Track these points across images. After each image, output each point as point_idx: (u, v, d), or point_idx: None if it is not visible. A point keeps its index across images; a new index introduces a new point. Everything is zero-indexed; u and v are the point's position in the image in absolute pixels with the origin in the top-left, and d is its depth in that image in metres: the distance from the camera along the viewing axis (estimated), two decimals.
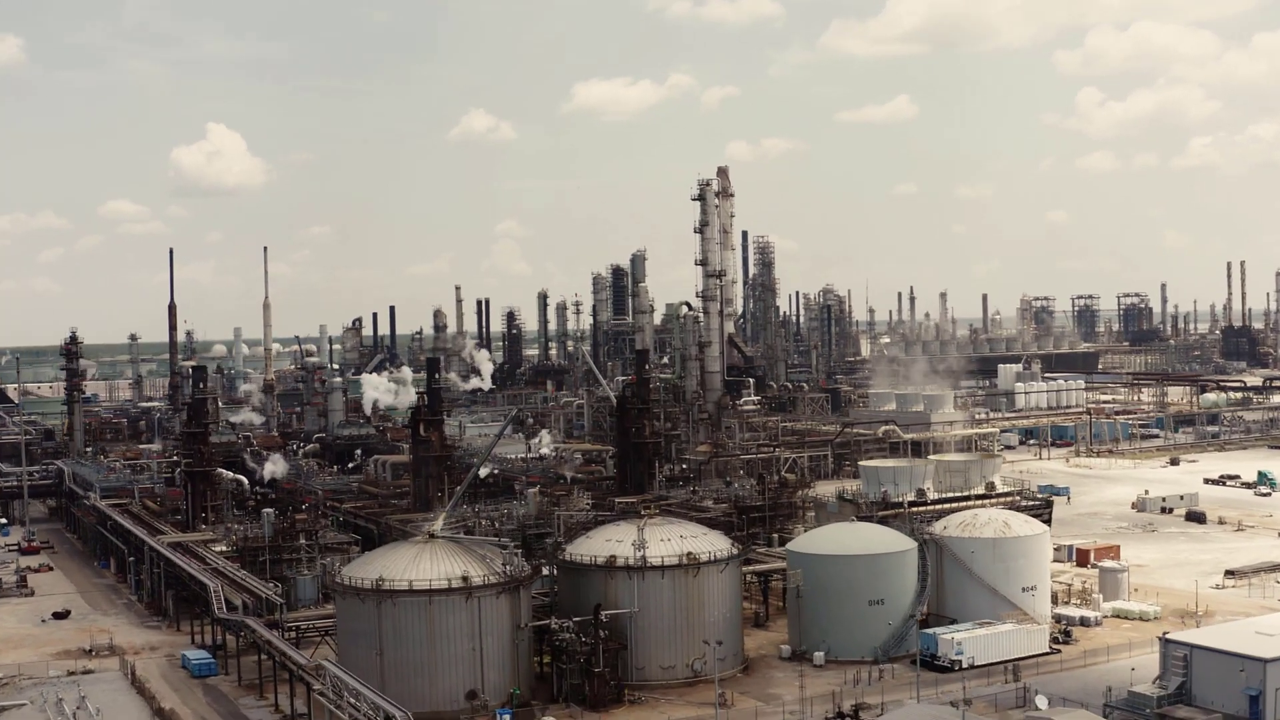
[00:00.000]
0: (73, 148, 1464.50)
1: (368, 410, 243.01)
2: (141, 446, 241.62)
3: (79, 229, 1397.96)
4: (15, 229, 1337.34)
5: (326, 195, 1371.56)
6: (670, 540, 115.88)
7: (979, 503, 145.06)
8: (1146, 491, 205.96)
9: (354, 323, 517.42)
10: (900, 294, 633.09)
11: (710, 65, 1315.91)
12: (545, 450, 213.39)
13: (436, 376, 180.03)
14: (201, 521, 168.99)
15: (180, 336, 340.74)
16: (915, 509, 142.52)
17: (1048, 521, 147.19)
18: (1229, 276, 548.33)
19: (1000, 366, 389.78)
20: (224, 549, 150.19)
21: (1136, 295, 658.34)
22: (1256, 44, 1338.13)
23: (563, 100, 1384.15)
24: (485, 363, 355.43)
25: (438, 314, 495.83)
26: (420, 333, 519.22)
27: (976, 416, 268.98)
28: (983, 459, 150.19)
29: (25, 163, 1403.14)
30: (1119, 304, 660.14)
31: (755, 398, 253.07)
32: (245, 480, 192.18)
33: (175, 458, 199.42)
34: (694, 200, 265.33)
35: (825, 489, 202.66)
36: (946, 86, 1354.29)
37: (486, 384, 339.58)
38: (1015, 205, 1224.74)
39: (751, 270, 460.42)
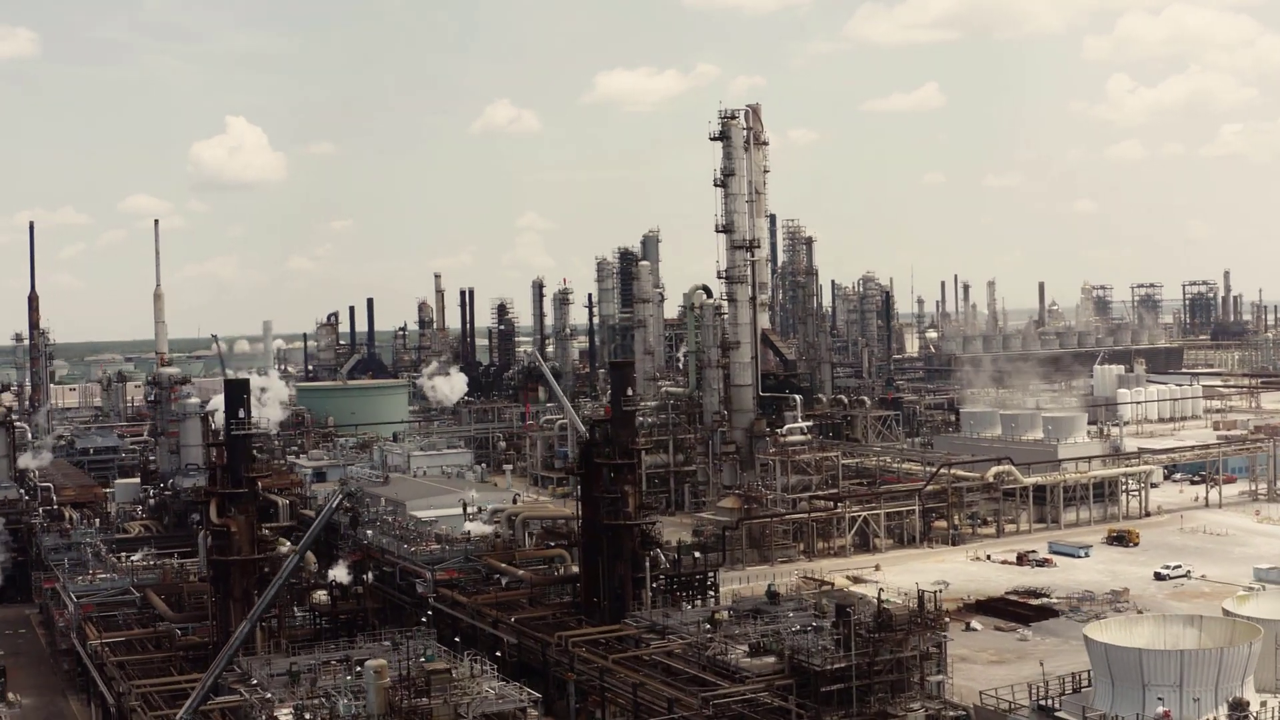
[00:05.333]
0: (92, 143, 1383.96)
1: None
2: None
3: (100, 225, 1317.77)
4: (36, 224, 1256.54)
5: (349, 188, 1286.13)
6: None
7: None
8: None
9: (329, 318, 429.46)
10: (944, 283, 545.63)
11: (736, 54, 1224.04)
12: (473, 526, 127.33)
13: (241, 415, 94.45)
14: None
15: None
16: None
17: None
18: None
19: (1097, 368, 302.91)
20: None
21: (1204, 284, 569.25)
22: None
23: (586, 90, 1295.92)
24: (452, 377, 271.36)
25: (422, 307, 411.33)
26: (404, 328, 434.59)
27: (1122, 449, 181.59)
28: None
29: (45, 159, 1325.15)
30: (1184, 293, 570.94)
31: (805, 424, 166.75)
32: None
33: None
34: (714, 140, 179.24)
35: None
36: (976, 74, 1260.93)
37: (451, 398, 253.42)
38: (1043, 195, 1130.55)
39: (781, 258, 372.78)
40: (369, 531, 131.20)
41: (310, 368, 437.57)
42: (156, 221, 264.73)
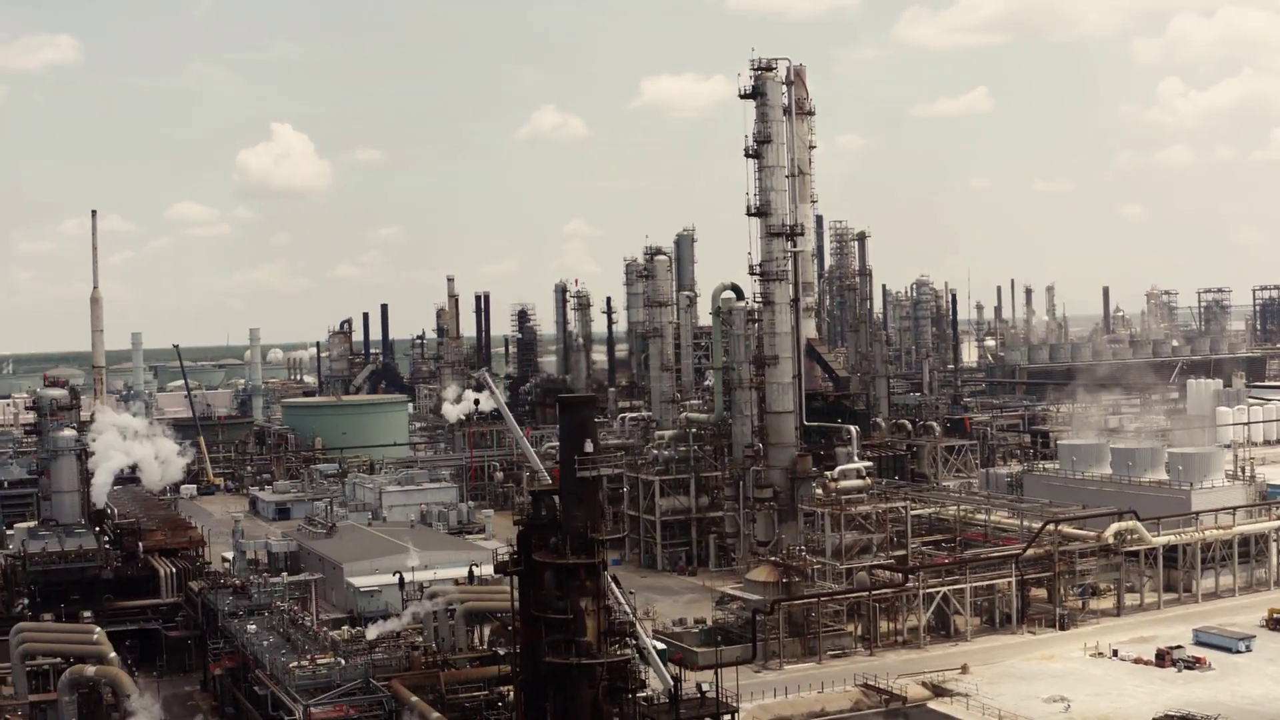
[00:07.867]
0: (137, 151, 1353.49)
1: (100, 495, 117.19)
2: None
3: (147, 232, 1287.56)
4: (82, 233, 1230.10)
5: (395, 195, 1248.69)
6: None
7: None
8: None
9: (342, 325, 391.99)
10: (999, 288, 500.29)
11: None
12: (418, 610, 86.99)
13: None
14: None
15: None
16: None
17: None
18: None
19: (1190, 382, 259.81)
20: None
21: (1276, 288, 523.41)
22: None
23: (632, 96, 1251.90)
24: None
25: (440, 314, 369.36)
26: (422, 336, 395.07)
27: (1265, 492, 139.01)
28: None
29: (90, 166, 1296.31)
30: (1254, 298, 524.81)
31: (863, 465, 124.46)
32: None
33: None
34: (745, 98, 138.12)
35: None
36: (1025, 78, 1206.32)
37: (469, 406, 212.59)
38: (1092, 200, 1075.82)
39: (828, 262, 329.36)
40: (251, 626, 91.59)
41: (323, 378, 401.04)
42: (94, 212, 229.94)
